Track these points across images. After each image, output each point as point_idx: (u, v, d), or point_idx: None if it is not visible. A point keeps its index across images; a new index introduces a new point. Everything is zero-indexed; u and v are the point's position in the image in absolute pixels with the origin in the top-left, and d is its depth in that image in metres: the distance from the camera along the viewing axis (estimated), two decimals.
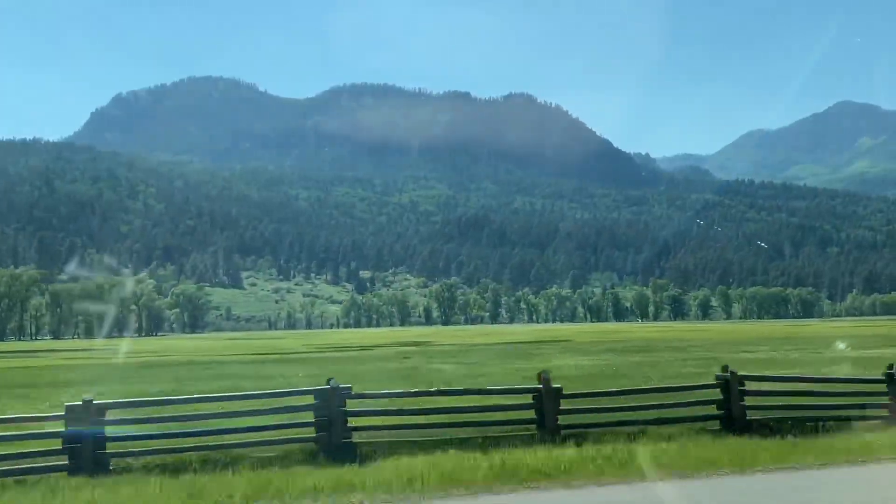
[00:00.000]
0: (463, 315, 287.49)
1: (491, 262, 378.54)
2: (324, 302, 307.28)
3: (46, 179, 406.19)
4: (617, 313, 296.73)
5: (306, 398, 16.64)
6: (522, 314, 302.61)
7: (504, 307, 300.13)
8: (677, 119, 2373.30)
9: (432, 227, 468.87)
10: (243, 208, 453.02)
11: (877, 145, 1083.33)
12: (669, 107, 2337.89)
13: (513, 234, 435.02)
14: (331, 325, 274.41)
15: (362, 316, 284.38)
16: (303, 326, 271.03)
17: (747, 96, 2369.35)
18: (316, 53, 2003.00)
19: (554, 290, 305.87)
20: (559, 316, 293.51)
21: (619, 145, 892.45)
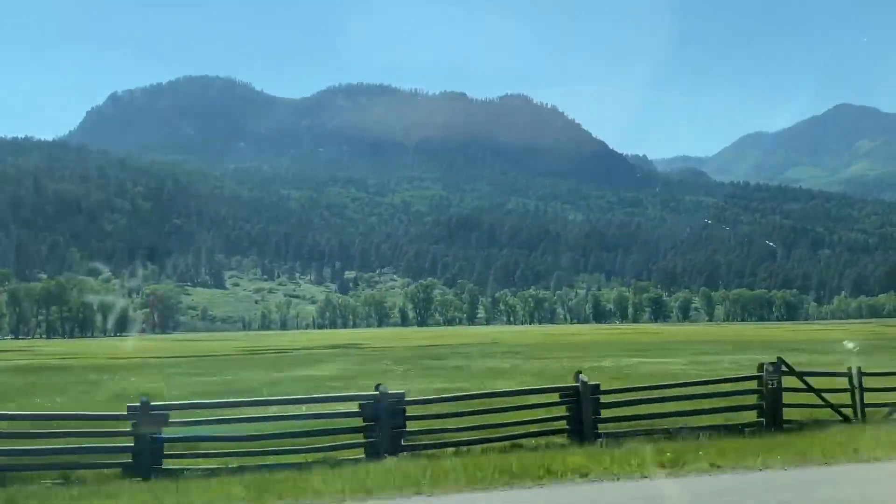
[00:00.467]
0: (442, 316, 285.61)
1: (477, 263, 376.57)
2: (300, 302, 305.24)
3: (34, 178, 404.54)
4: (597, 315, 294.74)
5: None
6: (501, 315, 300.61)
7: (482, 308, 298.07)
8: (676, 121, 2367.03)
9: (422, 227, 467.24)
10: (232, 208, 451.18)
11: (875, 147, 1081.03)
12: (669, 109, 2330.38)
13: (502, 235, 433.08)
14: (306, 326, 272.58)
15: (338, 317, 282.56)
16: (277, 327, 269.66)
17: (747, 99, 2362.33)
18: (312, 53, 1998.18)
19: (531, 291, 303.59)
20: (537, 318, 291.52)
21: (617, 147, 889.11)
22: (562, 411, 19.16)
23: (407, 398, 18.13)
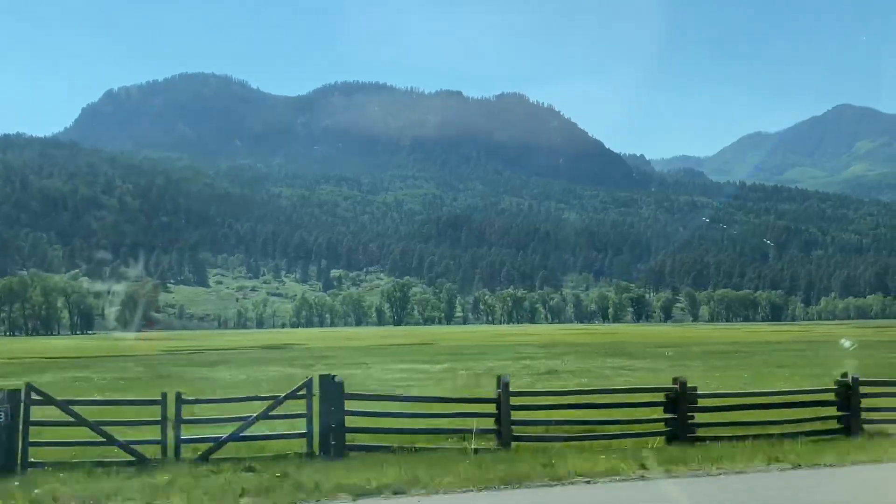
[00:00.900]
0: (420, 316, 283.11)
1: (463, 262, 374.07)
2: (279, 301, 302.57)
3: (21, 175, 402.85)
4: (579, 315, 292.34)
5: None
6: (481, 315, 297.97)
7: (460, 307, 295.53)
8: (676, 121, 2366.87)
9: (411, 226, 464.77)
10: (222, 206, 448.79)
11: (875, 148, 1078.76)
12: (668, 109, 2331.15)
13: (492, 234, 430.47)
14: (282, 325, 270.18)
15: (314, 315, 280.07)
16: (254, 326, 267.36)
17: (748, 99, 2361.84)
18: (309, 51, 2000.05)
19: (509, 291, 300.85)
20: (516, 317, 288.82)
21: (616, 146, 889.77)
22: None
23: None
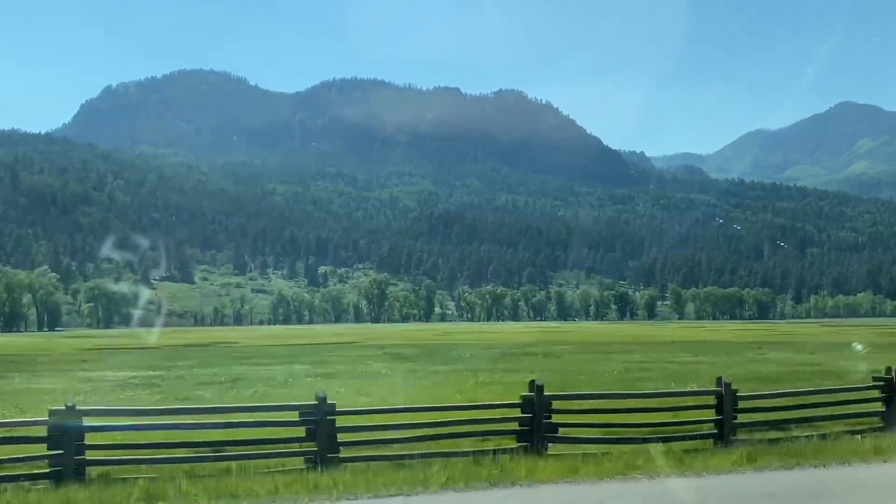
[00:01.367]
0: (399, 313, 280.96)
1: (452, 258, 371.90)
2: (257, 297, 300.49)
3: (12, 171, 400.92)
4: (562, 313, 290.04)
5: None
6: (464, 312, 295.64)
7: (438, 305, 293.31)
8: (678, 119, 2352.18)
9: (404, 223, 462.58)
10: (215, 203, 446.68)
11: (876, 146, 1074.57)
12: (669, 106, 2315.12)
13: (484, 231, 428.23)
14: (260, 322, 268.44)
15: (292, 313, 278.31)
16: (231, 323, 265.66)
17: (749, 96, 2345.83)
18: (308, 47, 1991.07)
19: (488, 288, 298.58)
20: (495, 315, 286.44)
21: (616, 144, 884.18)
22: None
23: None
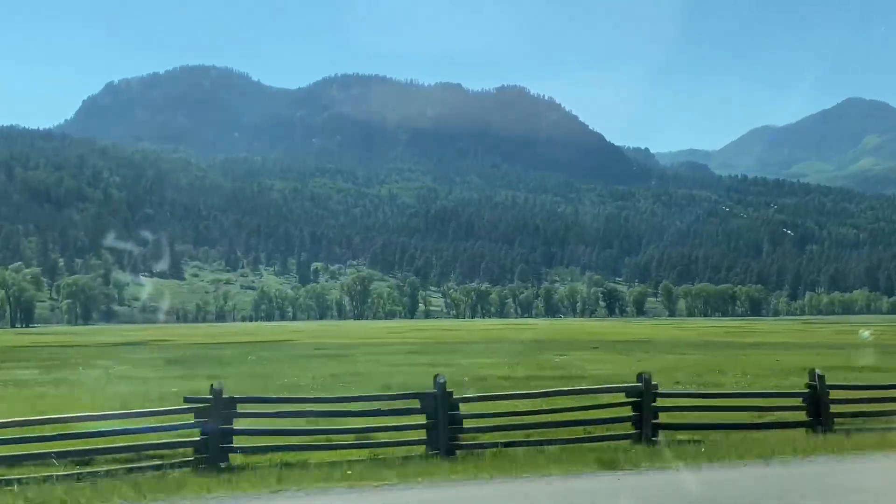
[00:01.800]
0: (382, 310, 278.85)
1: (445, 255, 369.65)
2: (245, 294, 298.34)
3: (7, 167, 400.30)
4: (549, 309, 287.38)
5: None
6: (450, 308, 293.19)
7: (422, 302, 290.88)
8: (684, 115, 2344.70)
9: (401, 219, 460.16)
10: (211, 199, 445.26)
11: (883, 143, 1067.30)
12: (675, 102, 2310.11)
13: (480, 227, 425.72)
14: (243, 318, 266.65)
15: (274, 309, 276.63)
16: (213, 319, 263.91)
17: (756, 92, 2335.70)
18: (310, 43, 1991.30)
19: (473, 285, 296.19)
20: (481, 311, 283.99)
21: (618, 140, 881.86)
22: None
23: None
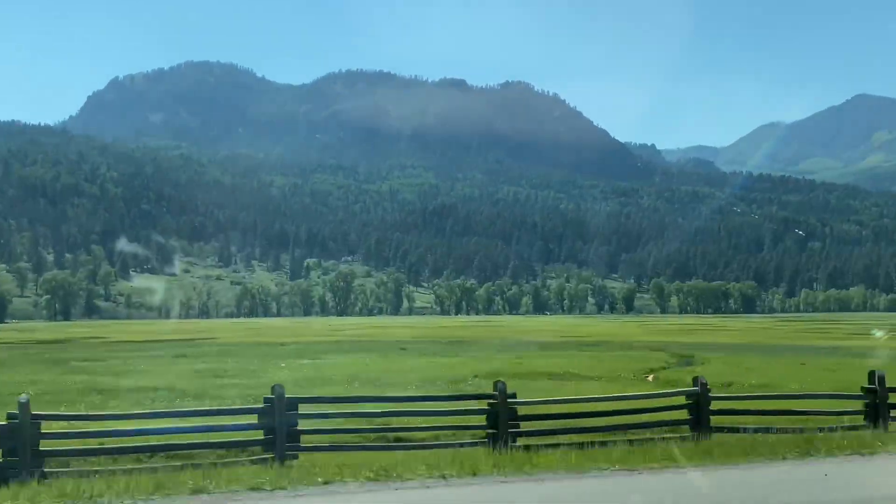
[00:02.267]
0: (365, 307, 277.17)
1: (439, 251, 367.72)
2: (223, 290, 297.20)
3: (4, 163, 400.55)
4: (538, 306, 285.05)
5: None
6: (438, 304, 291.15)
7: (406, 298, 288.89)
8: (692, 111, 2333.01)
9: (399, 215, 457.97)
10: (209, 195, 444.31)
11: (892, 139, 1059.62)
12: (683, 99, 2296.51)
13: (478, 224, 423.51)
14: (226, 315, 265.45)
15: (258, 305, 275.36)
16: (196, 315, 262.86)
17: (764, 89, 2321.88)
18: (314, 39, 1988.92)
19: (458, 282, 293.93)
20: (465, 308, 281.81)
21: (624, 136, 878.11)
22: None
23: None
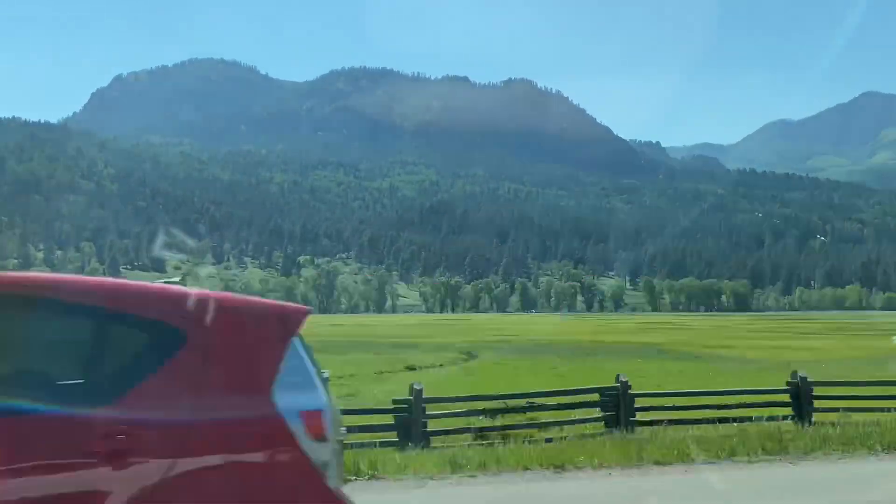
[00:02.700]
0: (347, 304, 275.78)
1: (433, 248, 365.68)
2: (210, 287, 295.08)
3: (0, 159, 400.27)
4: (526, 304, 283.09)
5: None
6: (424, 302, 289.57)
7: (389, 296, 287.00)
8: (698, 109, 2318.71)
9: (397, 212, 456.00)
10: (207, 191, 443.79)
11: None
12: (689, 96, 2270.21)
13: (476, 221, 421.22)
14: None
15: None
16: None
17: (772, 86, 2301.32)
18: (317, 36, 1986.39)
19: (443, 279, 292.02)
20: (450, 306, 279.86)
21: (629, 134, 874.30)
22: None
23: None
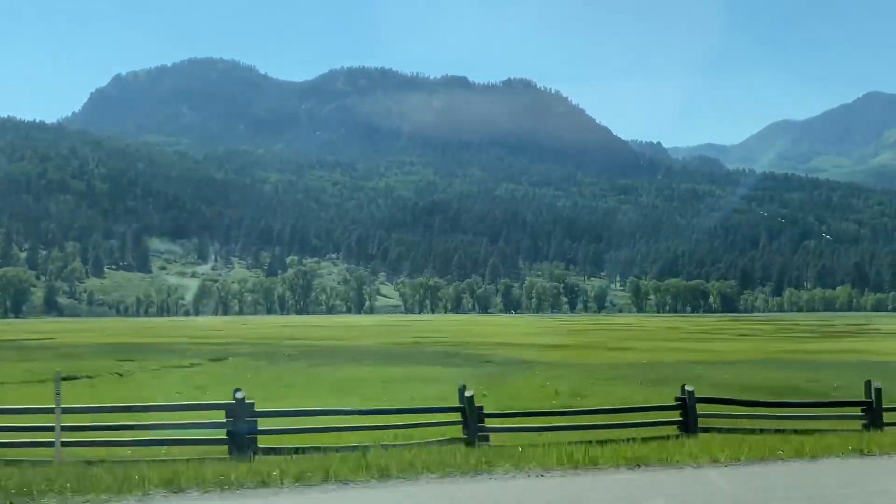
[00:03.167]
0: (326, 304, 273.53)
1: (422, 249, 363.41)
2: (186, 287, 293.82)
3: None
4: (508, 304, 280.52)
5: None
6: (405, 302, 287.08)
7: (367, 296, 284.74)
8: (701, 109, 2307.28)
9: (390, 213, 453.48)
10: (200, 191, 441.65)
11: None
12: (692, 97, 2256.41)
13: (467, 221, 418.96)
14: (185, 313, 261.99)
15: (219, 303, 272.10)
16: (155, 312, 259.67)
17: (775, 86, 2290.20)
18: (317, 36, 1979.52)
19: (422, 280, 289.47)
20: (430, 307, 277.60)
21: (629, 134, 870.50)
22: None
23: None
